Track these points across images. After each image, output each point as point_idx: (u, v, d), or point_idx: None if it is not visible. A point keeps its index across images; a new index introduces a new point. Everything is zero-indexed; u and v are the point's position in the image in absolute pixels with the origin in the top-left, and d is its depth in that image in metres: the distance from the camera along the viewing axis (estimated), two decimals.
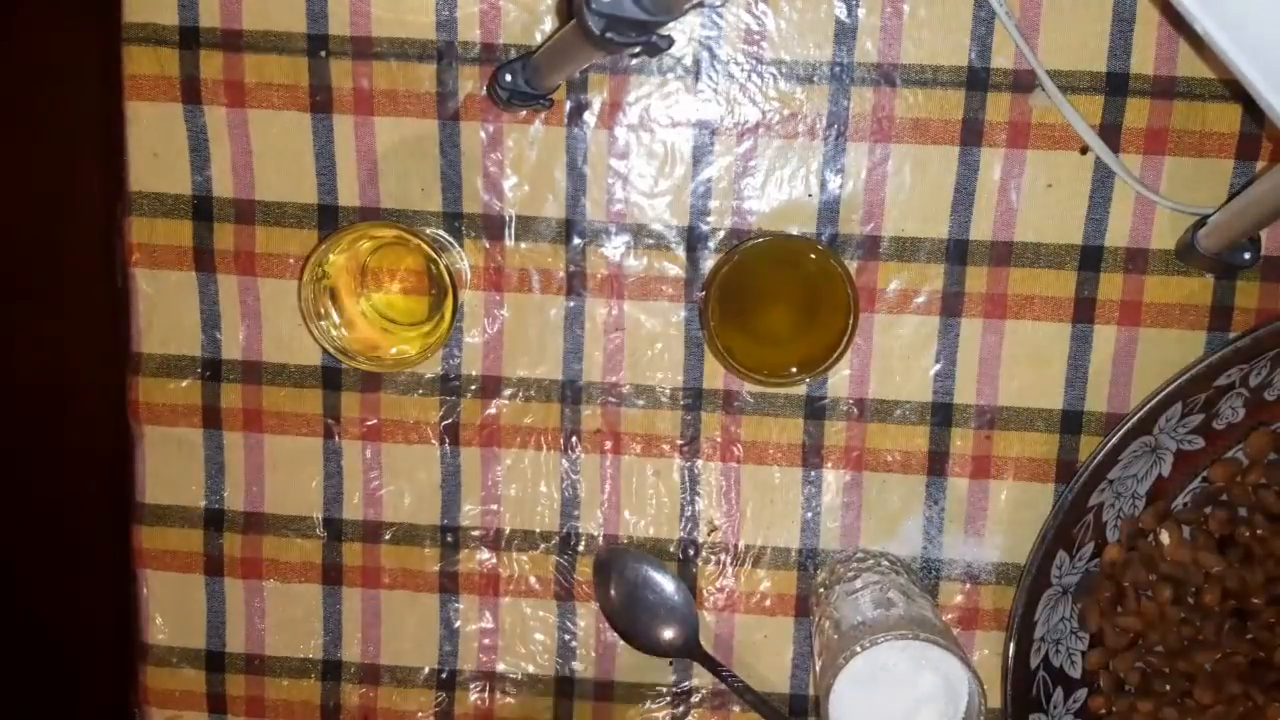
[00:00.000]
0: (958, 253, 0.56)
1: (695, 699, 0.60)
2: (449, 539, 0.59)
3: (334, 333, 0.53)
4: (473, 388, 0.58)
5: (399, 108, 0.56)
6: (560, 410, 0.58)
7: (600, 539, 0.59)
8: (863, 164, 0.55)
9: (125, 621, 0.62)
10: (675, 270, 0.57)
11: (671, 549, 0.59)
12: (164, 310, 0.58)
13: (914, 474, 0.57)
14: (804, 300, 0.53)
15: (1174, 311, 0.55)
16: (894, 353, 0.56)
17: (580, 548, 0.59)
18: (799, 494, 0.58)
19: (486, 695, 0.60)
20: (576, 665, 0.60)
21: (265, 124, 0.56)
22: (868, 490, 0.58)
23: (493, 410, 0.58)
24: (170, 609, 0.61)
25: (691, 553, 0.59)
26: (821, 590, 0.56)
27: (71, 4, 1.41)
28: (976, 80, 0.54)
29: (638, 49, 0.38)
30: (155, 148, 0.57)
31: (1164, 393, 0.51)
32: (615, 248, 0.57)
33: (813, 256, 0.53)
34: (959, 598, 0.58)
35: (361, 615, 0.60)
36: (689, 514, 0.58)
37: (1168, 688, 0.54)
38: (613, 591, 0.58)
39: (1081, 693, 0.56)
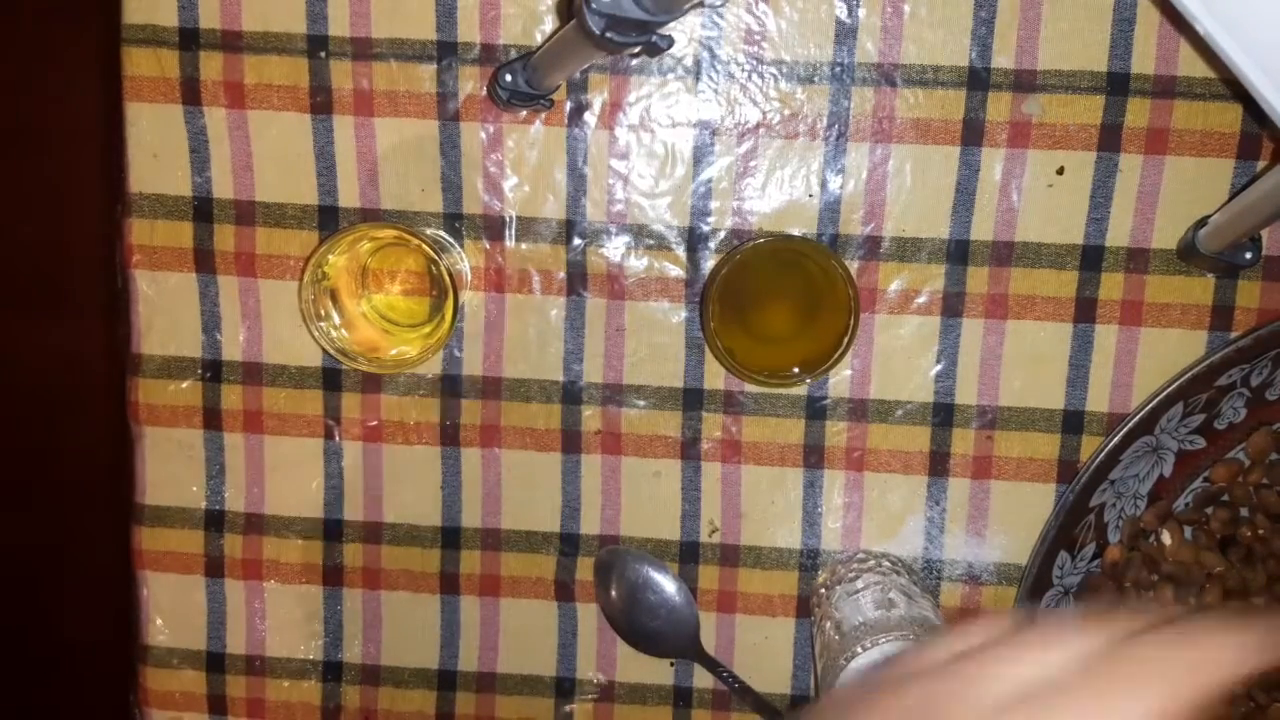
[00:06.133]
0: (959, 253, 0.55)
1: (696, 700, 0.60)
2: (449, 540, 0.59)
3: (334, 334, 0.53)
4: (473, 389, 0.58)
5: (399, 108, 0.56)
6: (561, 411, 0.58)
7: (601, 540, 0.59)
8: (863, 164, 0.55)
9: (125, 622, 0.62)
10: (676, 271, 0.57)
11: (672, 550, 0.59)
12: (164, 311, 0.58)
13: (915, 474, 0.57)
14: (805, 301, 0.53)
15: (1175, 311, 0.55)
16: (895, 353, 0.56)
17: (581, 549, 0.59)
18: (800, 495, 0.58)
19: (487, 696, 0.60)
20: (577, 666, 0.60)
21: (265, 125, 0.56)
22: (869, 491, 0.58)
23: (493, 411, 0.58)
24: (170, 610, 0.61)
25: (692, 553, 0.59)
26: (822, 591, 0.56)
27: (71, 4, 1.41)
28: (977, 80, 0.54)
29: (638, 49, 0.38)
30: (155, 149, 0.57)
31: (1165, 393, 0.51)
32: (615, 248, 0.57)
33: (813, 257, 0.53)
34: (960, 598, 0.58)
35: (362, 616, 0.60)
36: (689, 515, 0.58)
37: None
38: (613, 592, 0.58)
39: None
